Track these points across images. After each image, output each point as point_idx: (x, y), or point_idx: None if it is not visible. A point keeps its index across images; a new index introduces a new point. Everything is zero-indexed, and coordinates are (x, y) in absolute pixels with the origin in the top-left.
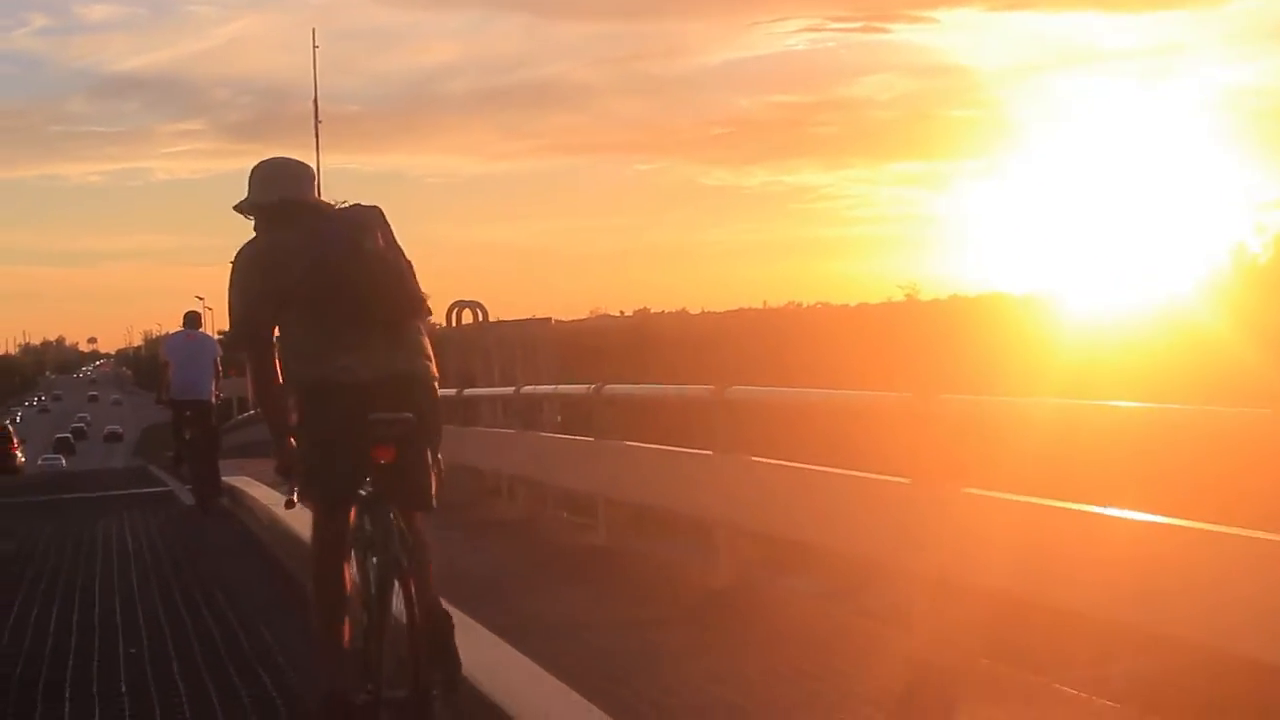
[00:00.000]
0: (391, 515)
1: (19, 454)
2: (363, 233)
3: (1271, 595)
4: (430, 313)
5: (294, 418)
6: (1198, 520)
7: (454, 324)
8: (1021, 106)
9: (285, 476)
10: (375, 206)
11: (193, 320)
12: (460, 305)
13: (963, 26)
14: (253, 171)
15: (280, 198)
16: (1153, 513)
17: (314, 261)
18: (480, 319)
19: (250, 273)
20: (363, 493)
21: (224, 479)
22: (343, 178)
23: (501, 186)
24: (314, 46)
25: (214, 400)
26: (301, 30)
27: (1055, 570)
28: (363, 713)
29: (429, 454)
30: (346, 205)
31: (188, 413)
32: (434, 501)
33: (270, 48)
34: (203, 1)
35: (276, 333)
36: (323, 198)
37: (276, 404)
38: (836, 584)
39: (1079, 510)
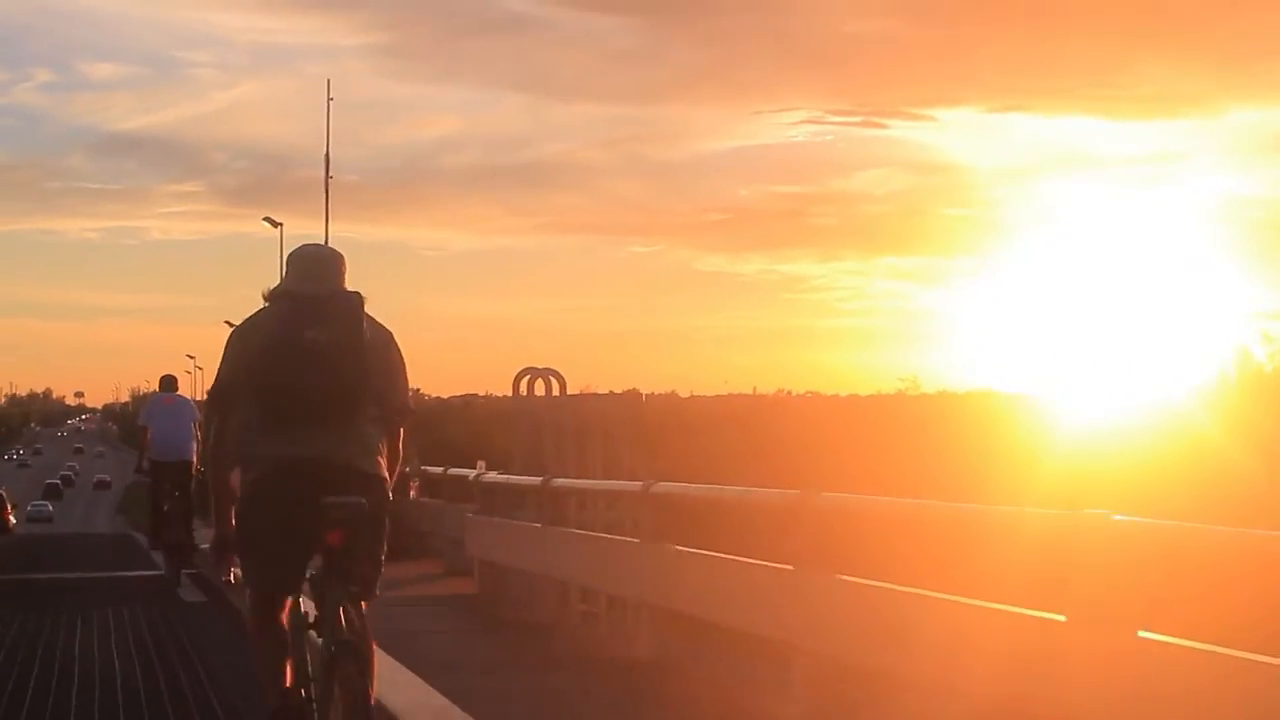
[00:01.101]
0: (338, 597)
1: (11, 518)
2: (321, 322)
3: None
4: (406, 412)
5: (234, 492)
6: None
7: (524, 393)
8: (1016, 207)
9: (220, 552)
10: (354, 294)
11: (169, 384)
12: (532, 373)
13: (961, 126)
14: (292, 258)
15: (328, 291)
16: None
17: (262, 343)
18: (557, 390)
19: (244, 336)
20: (310, 573)
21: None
22: (340, 245)
23: (498, 262)
24: (329, 99)
25: (195, 464)
26: (301, 98)
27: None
28: None
29: (377, 544)
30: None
31: (170, 476)
32: (376, 591)
33: (271, 114)
34: (206, 65)
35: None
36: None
37: (224, 472)
38: None
39: (916, 594)
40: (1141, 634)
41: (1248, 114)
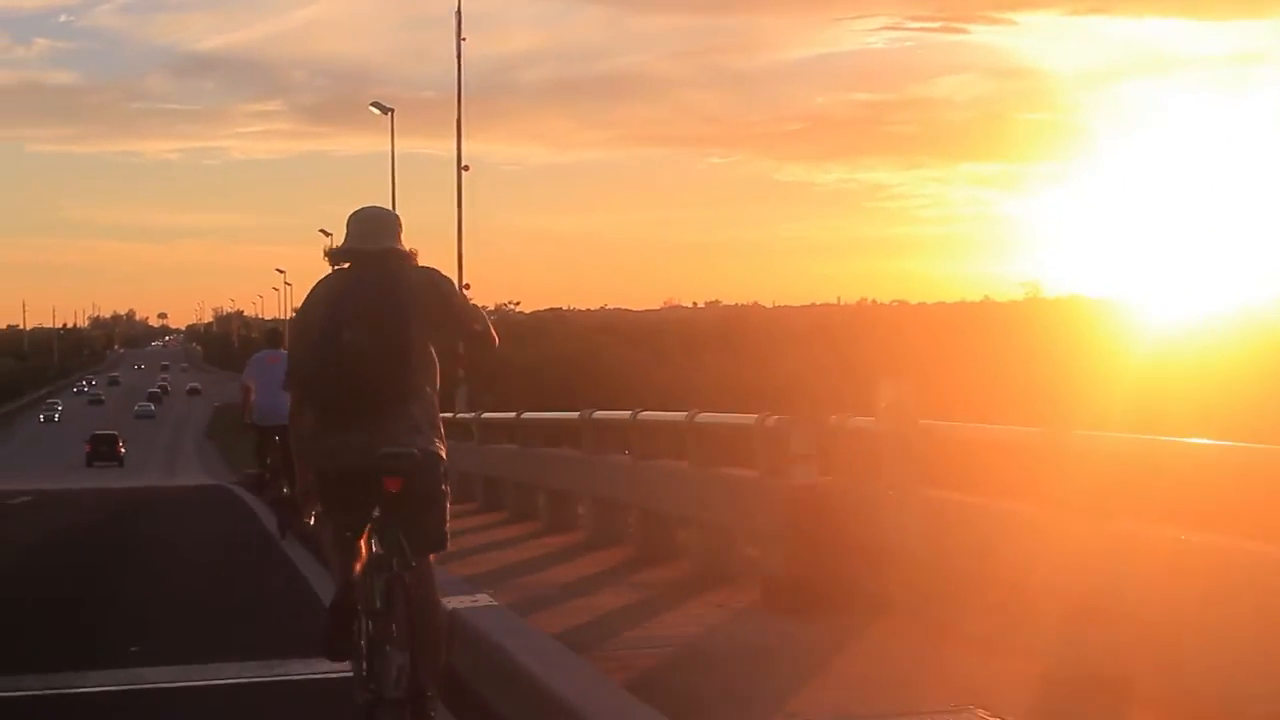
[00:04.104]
0: (398, 538)
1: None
2: (360, 318)
3: None
4: (480, 338)
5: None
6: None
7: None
8: (1098, 111)
9: (303, 499)
10: (434, 271)
11: (274, 339)
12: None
13: (1041, 29)
14: (350, 219)
15: (384, 248)
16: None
17: (307, 344)
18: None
19: (301, 321)
20: (376, 514)
21: None
22: (417, 163)
23: (575, 176)
24: (459, 39)
25: None
26: (377, 14)
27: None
28: (365, 711)
29: (443, 497)
30: (419, 268)
31: (275, 438)
32: (446, 542)
33: (347, 31)
34: None
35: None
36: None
37: (300, 437)
38: None
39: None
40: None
41: None
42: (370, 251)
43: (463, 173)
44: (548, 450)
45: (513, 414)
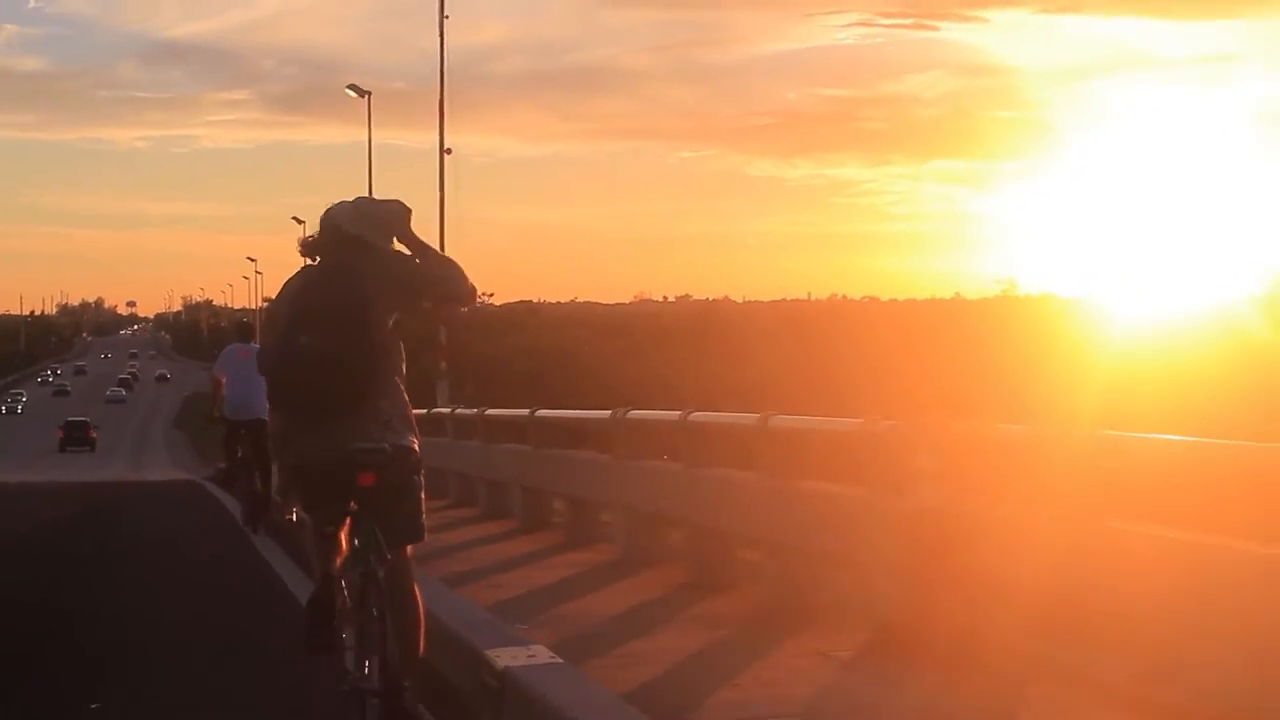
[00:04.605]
0: (374, 531)
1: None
2: (314, 323)
3: None
4: (460, 298)
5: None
6: None
7: None
8: (1066, 110)
9: (284, 496)
10: (391, 255)
11: (245, 332)
12: None
13: (1012, 27)
14: (324, 215)
15: (351, 240)
16: None
17: (269, 347)
18: None
19: (268, 318)
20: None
21: None
22: (389, 153)
23: (546, 169)
24: (442, 17)
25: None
26: (348, 3)
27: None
28: (344, 701)
29: (417, 490)
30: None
31: (242, 431)
32: (424, 533)
33: (318, 20)
34: None
35: None
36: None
37: (275, 436)
38: None
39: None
40: None
41: None
42: (334, 243)
43: (445, 155)
44: (571, 453)
45: (525, 411)
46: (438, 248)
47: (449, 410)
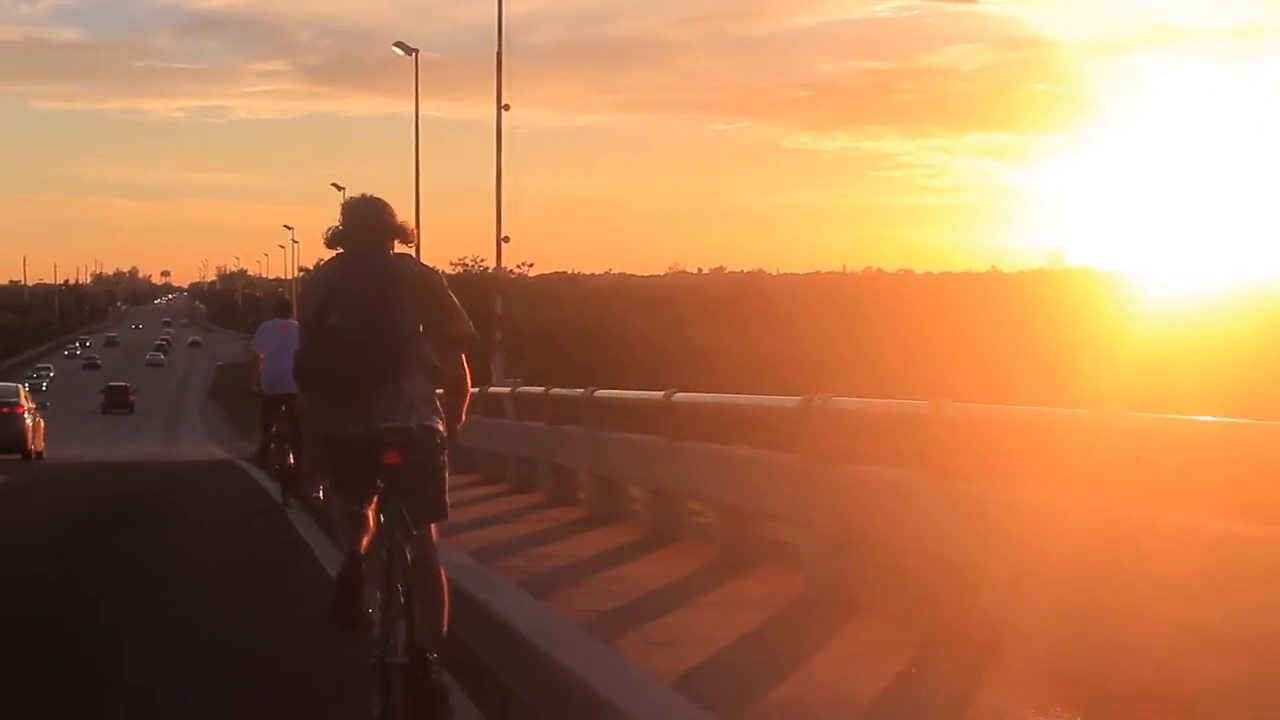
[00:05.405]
0: (400, 509)
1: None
2: (347, 304)
3: None
4: (463, 340)
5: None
6: None
7: None
8: (1105, 83)
9: (311, 475)
10: (428, 268)
11: (283, 308)
12: None
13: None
14: (345, 208)
15: (378, 238)
16: None
17: (310, 321)
18: None
19: (302, 303)
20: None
21: None
22: (423, 124)
23: (580, 140)
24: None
25: None
26: None
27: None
28: (371, 674)
29: (441, 469)
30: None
31: (282, 406)
32: (447, 511)
33: None
34: None
35: None
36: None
37: (305, 415)
38: None
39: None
40: None
41: None
42: (364, 240)
43: (503, 112)
44: (696, 445)
45: (659, 393)
46: (495, 207)
47: (510, 390)
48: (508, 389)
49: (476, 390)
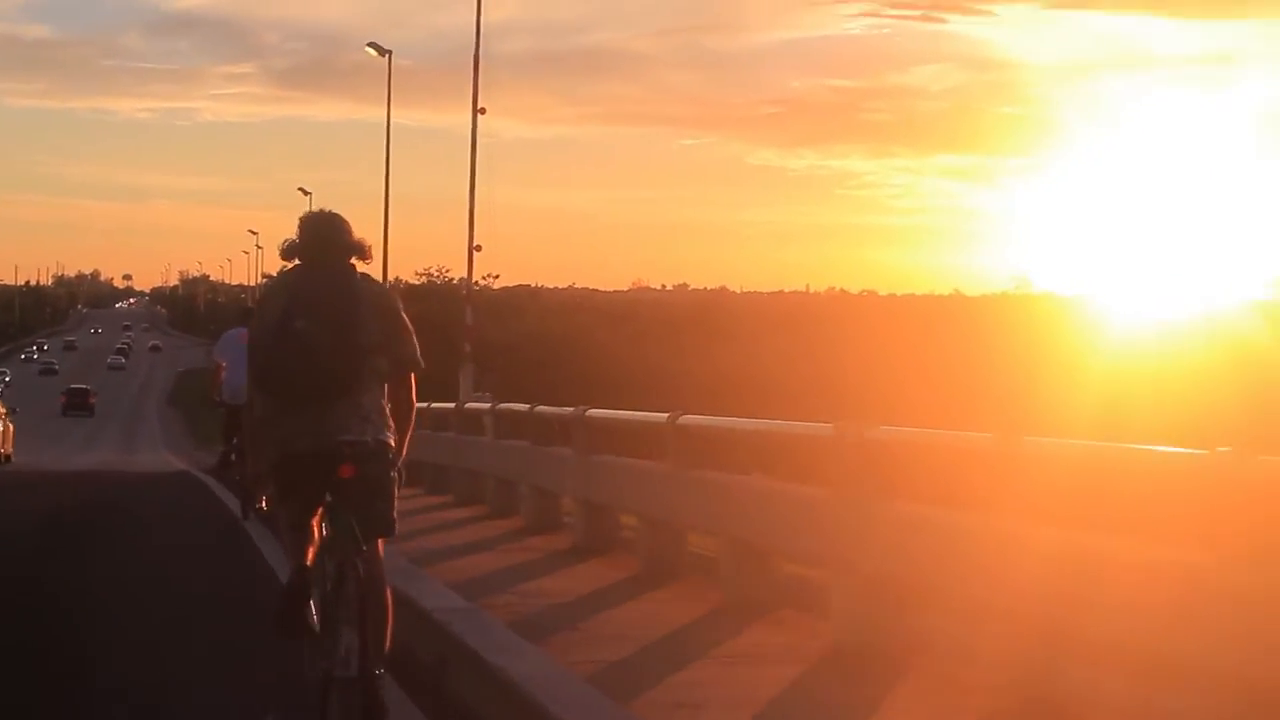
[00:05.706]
0: (350, 523)
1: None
2: (311, 310)
3: None
4: (412, 364)
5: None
6: None
7: None
8: (1072, 106)
9: (254, 485)
10: (383, 286)
11: (246, 316)
12: None
13: (1019, 22)
14: (303, 222)
15: (337, 252)
16: None
17: (263, 330)
18: None
19: (260, 312)
20: (328, 499)
21: None
22: (394, 131)
23: (547, 152)
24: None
25: None
26: None
27: None
28: (316, 688)
29: (391, 484)
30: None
31: (240, 418)
32: (395, 529)
33: None
34: None
35: None
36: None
37: (254, 423)
38: None
39: None
40: None
41: None
42: (320, 253)
43: (478, 115)
44: (710, 474)
45: (663, 415)
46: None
47: (490, 406)
48: (487, 405)
49: (451, 405)
